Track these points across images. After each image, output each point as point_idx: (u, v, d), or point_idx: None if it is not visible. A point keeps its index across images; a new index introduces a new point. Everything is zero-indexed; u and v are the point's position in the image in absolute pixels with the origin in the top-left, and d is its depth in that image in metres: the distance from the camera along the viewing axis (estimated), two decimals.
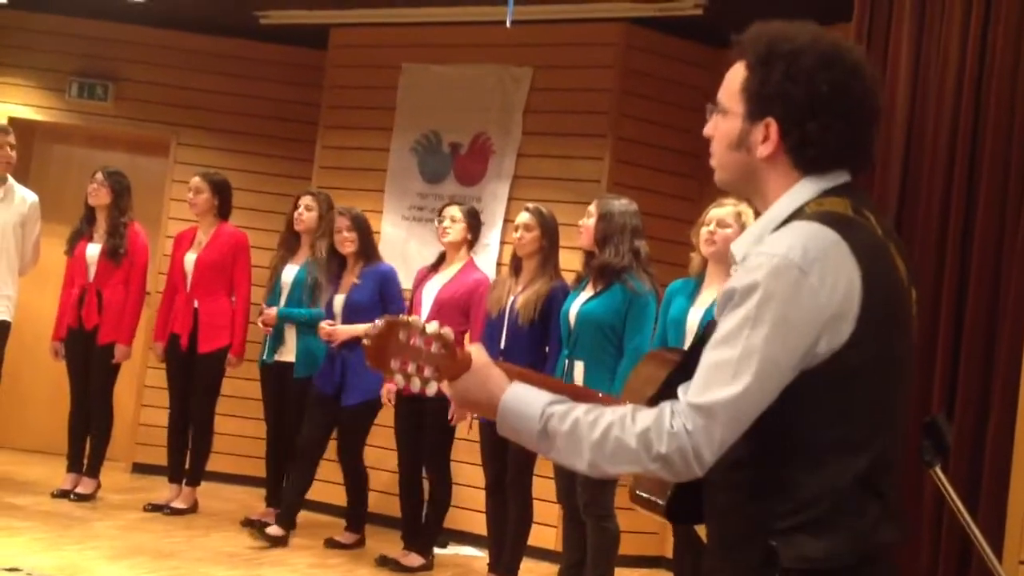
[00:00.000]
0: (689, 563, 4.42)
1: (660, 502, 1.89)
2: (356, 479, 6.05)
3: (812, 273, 1.62)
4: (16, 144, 6.38)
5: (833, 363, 1.65)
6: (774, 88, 1.74)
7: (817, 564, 1.65)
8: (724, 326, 1.66)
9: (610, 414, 1.69)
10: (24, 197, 6.33)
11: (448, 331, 1.87)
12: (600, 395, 2.13)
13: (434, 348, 1.86)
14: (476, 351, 1.88)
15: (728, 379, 1.62)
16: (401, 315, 1.93)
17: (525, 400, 1.78)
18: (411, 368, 1.87)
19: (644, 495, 1.95)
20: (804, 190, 1.75)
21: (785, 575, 1.66)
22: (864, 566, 1.67)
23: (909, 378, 1.80)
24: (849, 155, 1.76)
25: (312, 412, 5.95)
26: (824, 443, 1.67)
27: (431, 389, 1.86)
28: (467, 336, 5.38)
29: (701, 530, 1.87)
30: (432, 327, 1.87)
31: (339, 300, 5.94)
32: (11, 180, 6.33)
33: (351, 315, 5.84)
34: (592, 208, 4.92)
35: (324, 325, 5.89)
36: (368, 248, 5.99)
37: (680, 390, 1.67)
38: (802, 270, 1.62)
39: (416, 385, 1.87)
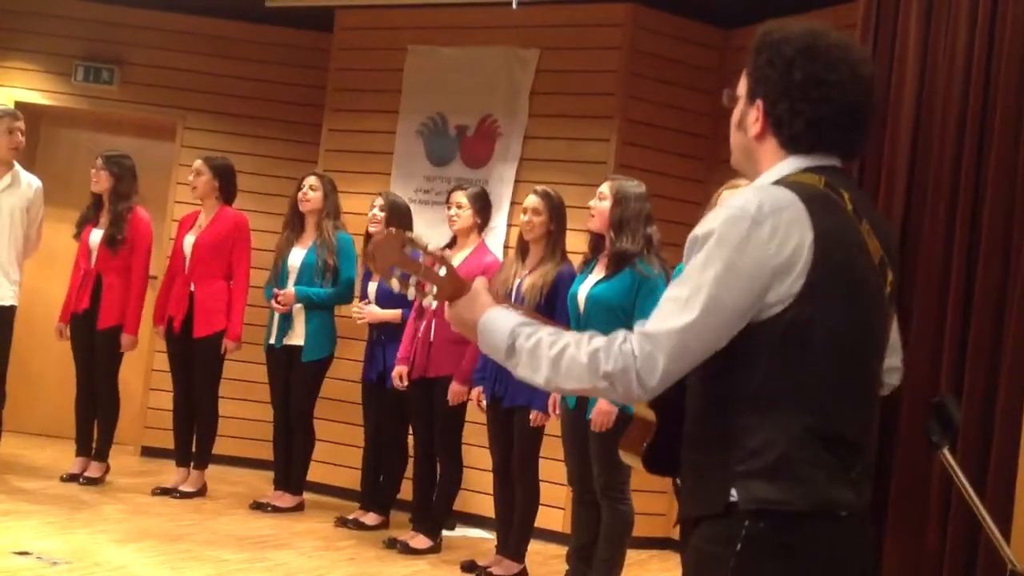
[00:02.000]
0: None
1: (637, 457, 2.01)
2: (399, 462, 6.08)
3: (764, 224, 1.77)
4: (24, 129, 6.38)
5: (784, 317, 1.77)
6: (760, 72, 1.91)
7: (770, 505, 1.75)
8: (685, 270, 1.81)
9: (570, 336, 1.84)
10: (29, 182, 6.34)
11: (450, 255, 2.02)
12: None
13: (438, 269, 2.01)
14: (478, 281, 2.03)
15: (677, 312, 1.76)
16: (408, 232, 2.06)
17: (500, 320, 1.93)
18: (411, 280, 2.01)
19: (623, 455, 2.09)
20: (785, 166, 1.90)
21: (746, 518, 1.76)
22: (821, 520, 1.77)
23: (875, 353, 1.91)
24: (826, 138, 1.89)
25: (370, 407, 6.07)
26: (773, 393, 1.78)
27: (427, 301, 2.02)
28: None
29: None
30: (434, 247, 2.03)
31: (372, 287, 6.02)
32: (17, 165, 6.34)
33: (385, 302, 5.89)
34: (605, 190, 4.82)
35: (358, 306, 5.99)
36: None
37: (637, 323, 1.81)
38: (755, 220, 1.77)
39: (412, 294, 2.03)
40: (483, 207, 5.72)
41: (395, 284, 2.02)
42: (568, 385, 1.83)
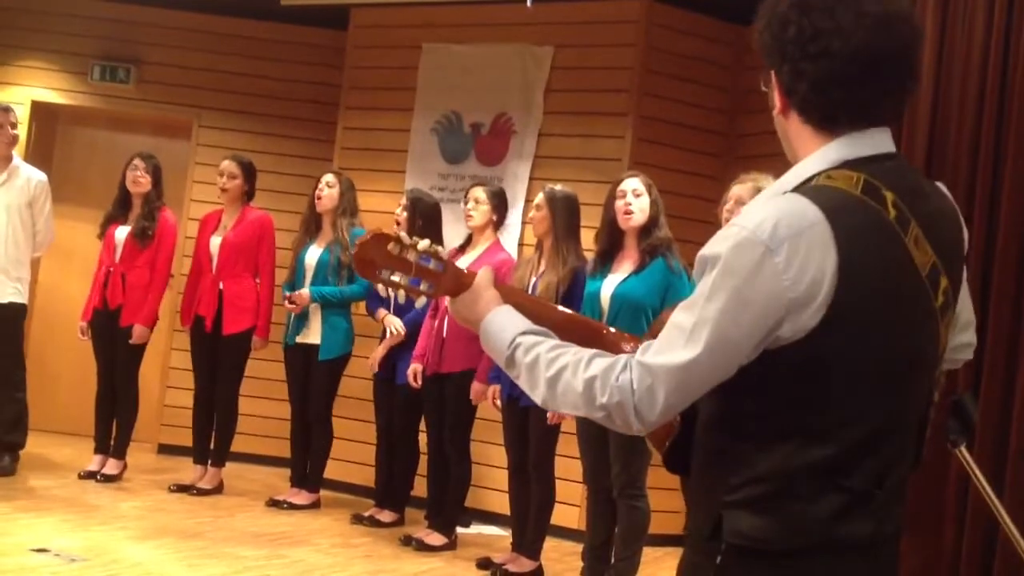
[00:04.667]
0: None
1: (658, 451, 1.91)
2: (410, 458, 6.09)
3: (779, 253, 1.55)
4: (38, 127, 6.40)
5: (799, 348, 1.58)
6: (761, 40, 1.71)
7: (747, 542, 1.62)
8: (694, 291, 1.64)
9: (570, 355, 1.70)
10: (30, 177, 6.33)
11: (441, 248, 1.93)
12: (607, 330, 2.09)
13: (431, 264, 1.92)
14: (482, 272, 1.91)
15: (680, 345, 1.60)
16: (392, 230, 1.96)
17: (502, 325, 1.81)
18: (401, 279, 1.92)
19: (649, 443, 1.98)
20: (823, 157, 1.66)
21: (729, 550, 1.64)
22: (816, 556, 1.63)
23: (917, 374, 1.70)
24: (841, 99, 1.65)
25: (382, 403, 6.12)
26: (782, 426, 1.62)
27: (420, 302, 1.95)
28: None
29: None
30: (424, 243, 1.92)
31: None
32: (16, 161, 6.33)
33: (406, 305, 5.88)
34: (641, 186, 4.81)
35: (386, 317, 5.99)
36: (426, 233, 5.95)
37: (642, 346, 1.66)
38: (768, 248, 1.55)
39: (402, 296, 1.95)
40: (500, 205, 5.72)
41: (381, 289, 1.97)
42: (565, 409, 1.71)
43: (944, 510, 4.20)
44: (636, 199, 4.79)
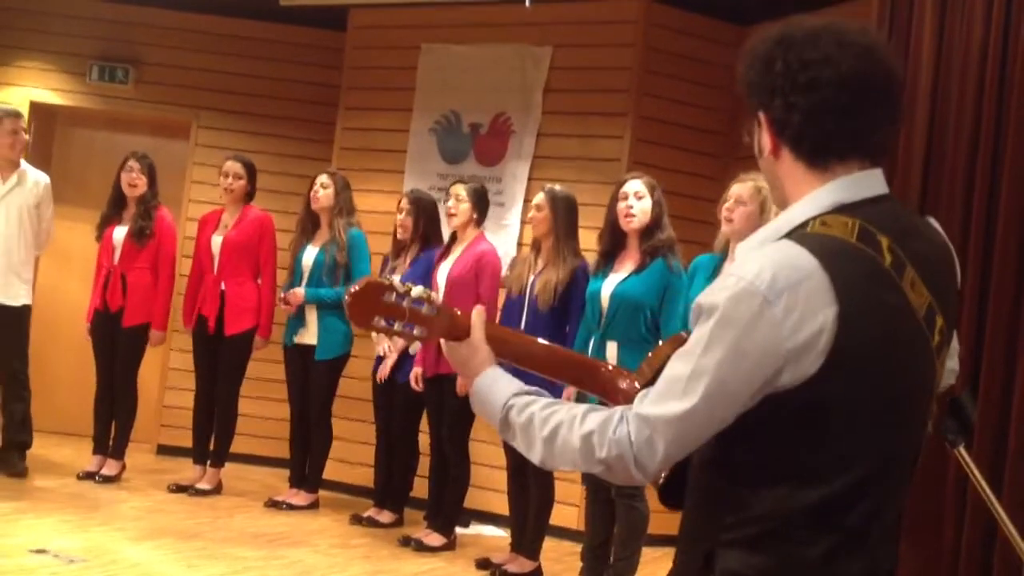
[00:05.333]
0: None
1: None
2: (409, 459, 6.10)
3: (777, 304, 1.55)
4: (37, 128, 6.41)
5: (799, 394, 1.58)
6: (746, 81, 1.71)
7: None
8: (689, 340, 1.63)
9: (564, 411, 1.70)
10: (37, 180, 6.36)
11: (435, 294, 1.96)
12: (605, 368, 2.09)
13: (425, 309, 1.93)
14: (475, 320, 1.93)
15: (678, 396, 1.59)
16: (383, 277, 1.98)
17: (494, 388, 1.83)
18: (397, 326, 1.93)
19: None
20: (815, 201, 1.66)
21: None
22: None
23: (915, 415, 1.71)
24: (833, 130, 1.65)
25: (381, 403, 6.09)
26: (780, 469, 1.62)
27: (414, 348, 1.97)
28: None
29: None
30: (418, 290, 1.94)
31: None
32: (24, 164, 6.35)
33: None
34: (643, 188, 4.83)
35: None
36: (429, 233, 5.96)
37: (639, 396, 1.65)
38: (767, 299, 1.55)
39: (400, 344, 1.96)
40: (480, 202, 5.73)
41: (375, 337, 1.97)
42: (564, 467, 1.72)
43: (943, 510, 4.20)
44: (638, 201, 4.81)
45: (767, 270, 1.57)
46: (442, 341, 1.95)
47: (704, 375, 1.58)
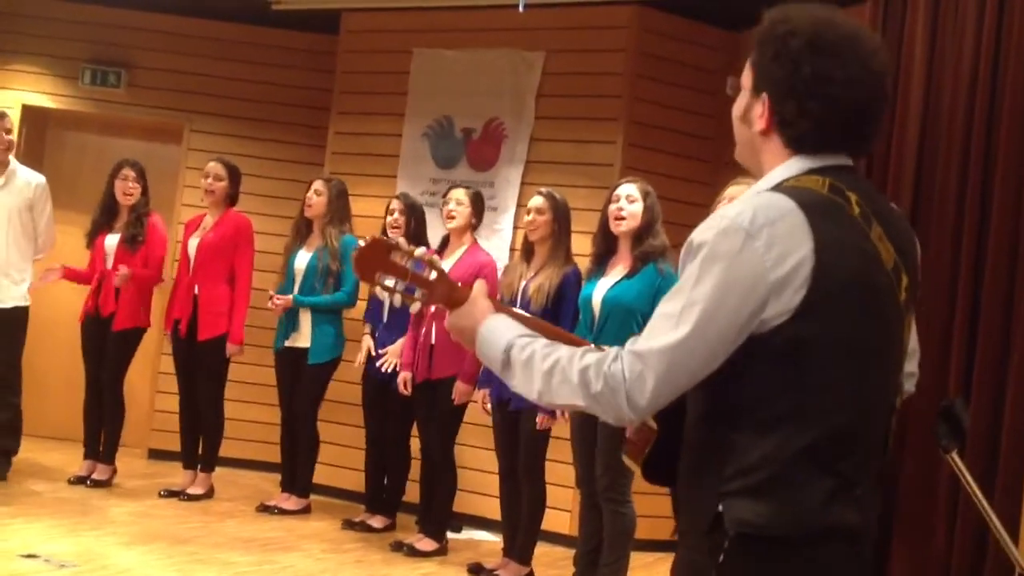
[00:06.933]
0: None
1: (637, 466, 1.96)
2: (402, 464, 6.09)
3: (759, 238, 1.68)
4: (29, 131, 6.39)
5: (783, 332, 1.69)
6: (765, 66, 1.81)
7: (752, 529, 1.69)
8: (680, 279, 1.74)
9: (565, 350, 1.79)
10: (29, 180, 6.32)
11: (437, 258, 2.01)
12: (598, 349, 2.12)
13: (426, 272, 1.98)
14: (477, 285, 1.98)
15: (669, 329, 1.69)
16: (389, 237, 2.02)
17: (497, 330, 1.89)
18: (398, 285, 1.99)
19: (625, 459, 2.02)
20: (789, 168, 1.80)
21: (728, 536, 1.70)
22: (814, 544, 1.71)
23: (889, 365, 1.81)
24: (834, 138, 1.80)
25: (372, 408, 6.11)
26: (771, 411, 1.70)
27: (414, 308, 2.02)
28: None
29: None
30: (421, 251, 2.01)
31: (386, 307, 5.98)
32: (13, 164, 6.31)
33: (401, 311, 5.83)
34: (636, 192, 4.83)
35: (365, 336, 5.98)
36: (419, 235, 5.94)
37: (630, 340, 1.73)
38: (749, 233, 1.68)
39: (397, 300, 2.01)
40: (478, 207, 5.74)
41: (379, 291, 2.02)
42: (560, 401, 1.78)
43: (936, 515, 4.20)
44: (629, 204, 4.81)
45: (747, 210, 1.71)
46: (445, 318, 2.00)
47: (695, 305, 1.68)
